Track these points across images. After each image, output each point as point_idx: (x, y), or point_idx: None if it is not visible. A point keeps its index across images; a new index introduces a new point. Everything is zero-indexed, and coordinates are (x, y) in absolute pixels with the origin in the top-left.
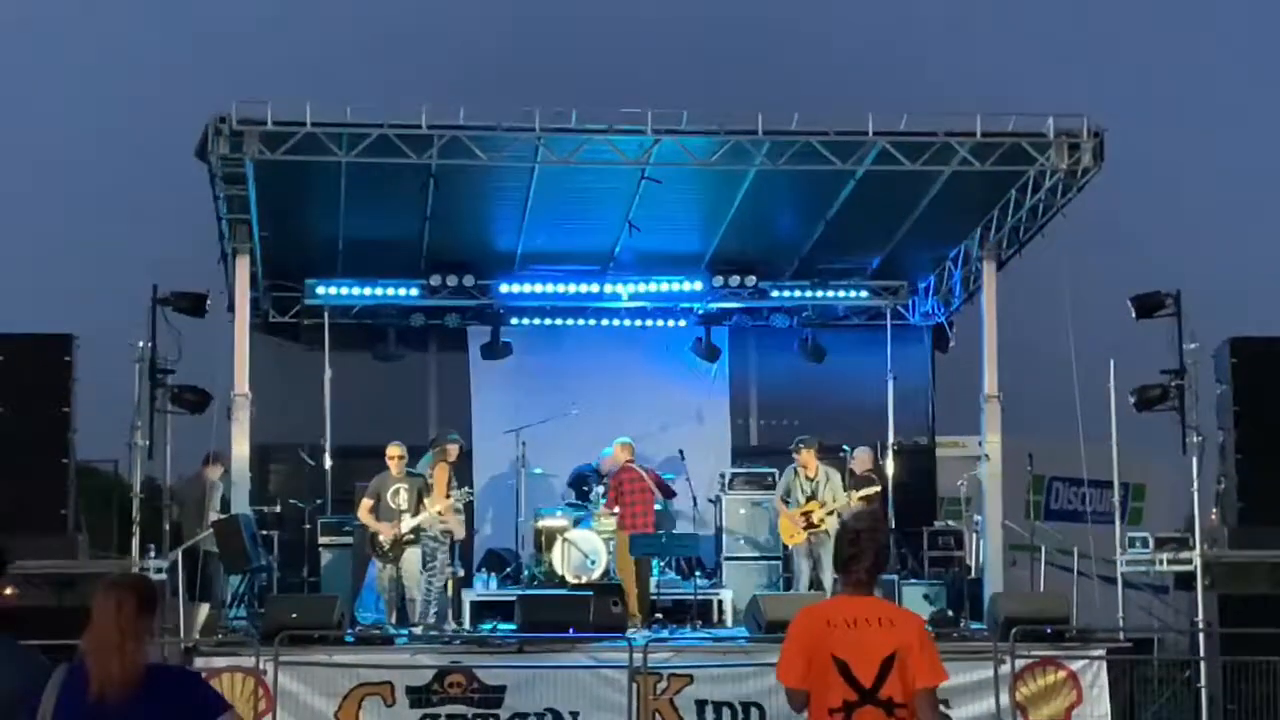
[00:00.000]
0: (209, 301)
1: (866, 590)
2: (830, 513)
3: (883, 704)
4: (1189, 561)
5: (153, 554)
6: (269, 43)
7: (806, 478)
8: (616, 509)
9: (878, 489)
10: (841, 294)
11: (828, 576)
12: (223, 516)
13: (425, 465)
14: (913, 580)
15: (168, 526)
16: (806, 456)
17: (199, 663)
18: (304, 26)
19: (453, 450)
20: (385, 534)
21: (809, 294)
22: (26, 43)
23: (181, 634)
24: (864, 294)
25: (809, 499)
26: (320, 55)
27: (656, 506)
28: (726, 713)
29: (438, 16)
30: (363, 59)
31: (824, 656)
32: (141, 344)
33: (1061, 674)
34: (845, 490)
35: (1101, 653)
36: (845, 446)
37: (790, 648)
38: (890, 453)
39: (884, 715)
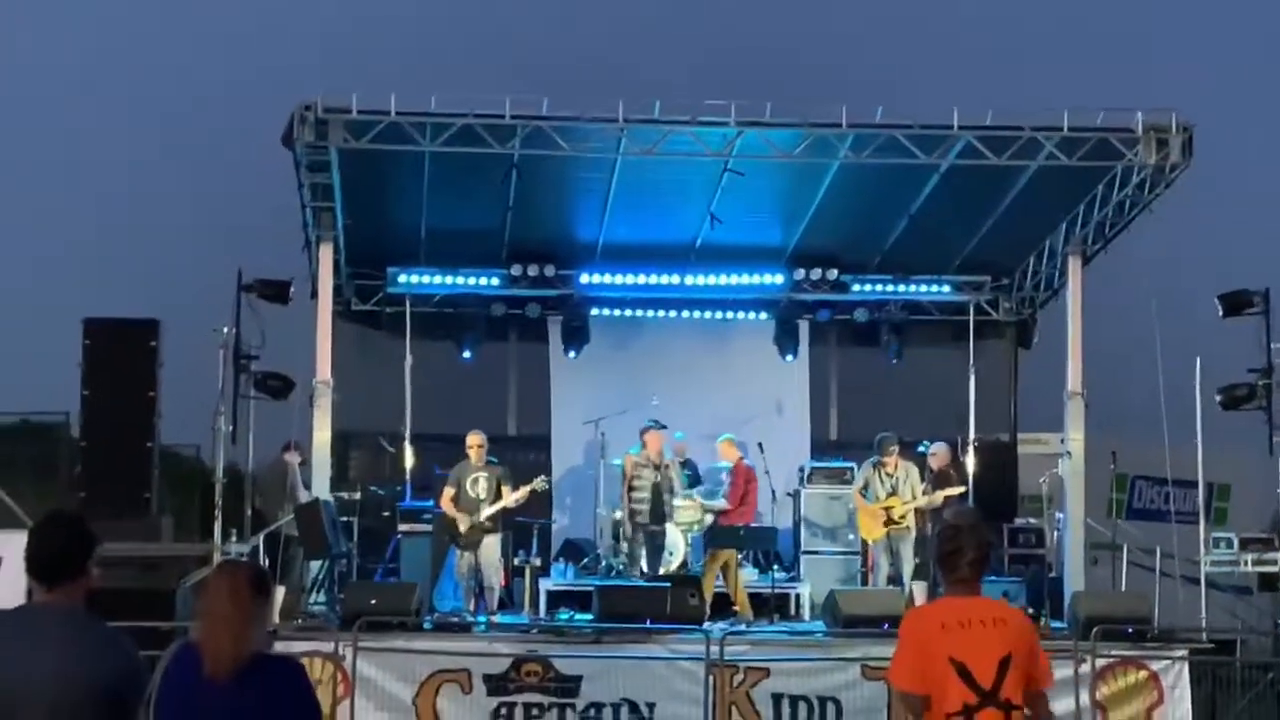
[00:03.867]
0: (293, 289)
1: (971, 589)
2: (909, 509)
3: (1002, 705)
4: (1274, 563)
5: (234, 538)
6: (355, 32)
7: (886, 473)
8: (723, 502)
9: (962, 489)
10: (924, 289)
11: (907, 571)
12: (304, 502)
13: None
14: (992, 578)
15: (250, 511)
16: (889, 452)
17: (278, 647)
18: (391, 17)
19: (651, 439)
20: (464, 522)
21: (891, 288)
22: (115, 26)
23: (266, 621)
24: (947, 289)
25: (889, 495)
26: (407, 45)
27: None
28: (803, 707)
29: (524, 8)
30: (448, 50)
31: (940, 659)
32: (226, 330)
33: (1143, 674)
34: (923, 485)
35: (1183, 653)
36: (926, 442)
37: (904, 651)
38: (971, 449)
39: (1003, 717)
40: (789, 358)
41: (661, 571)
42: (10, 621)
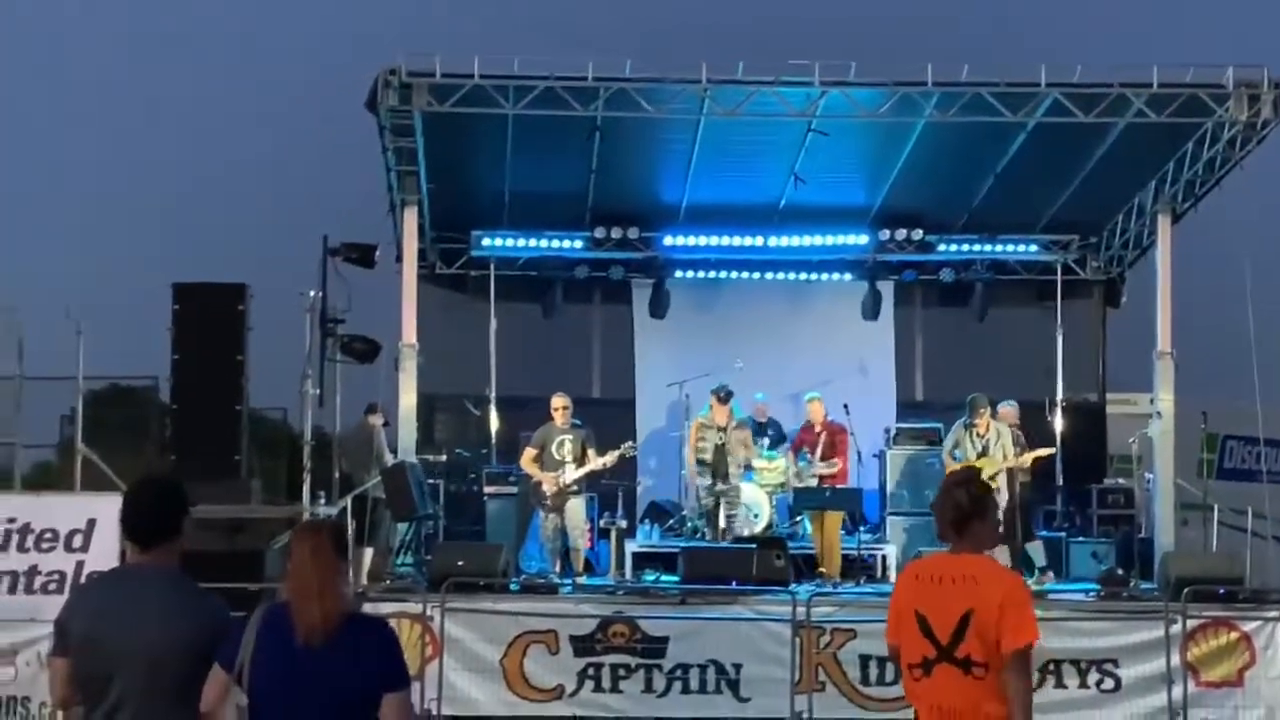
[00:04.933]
0: (378, 253)
1: (956, 547)
2: (999, 471)
3: (959, 662)
4: None
5: (323, 500)
6: None
7: (978, 434)
8: (835, 461)
9: (1051, 450)
10: (1011, 248)
11: None
12: (391, 465)
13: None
14: (1081, 538)
15: (337, 474)
16: (981, 414)
17: (366, 608)
18: None
19: (716, 404)
20: (549, 484)
21: (977, 248)
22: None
23: (350, 578)
24: (1034, 248)
25: (979, 456)
26: (489, 8)
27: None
28: (890, 668)
29: None
30: (531, 11)
31: (908, 611)
32: (313, 294)
33: (1234, 635)
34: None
35: (1276, 614)
36: (1011, 403)
37: (891, 604)
38: (1059, 409)
39: (960, 674)
40: (873, 319)
41: (746, 533)
42: (108, 582)
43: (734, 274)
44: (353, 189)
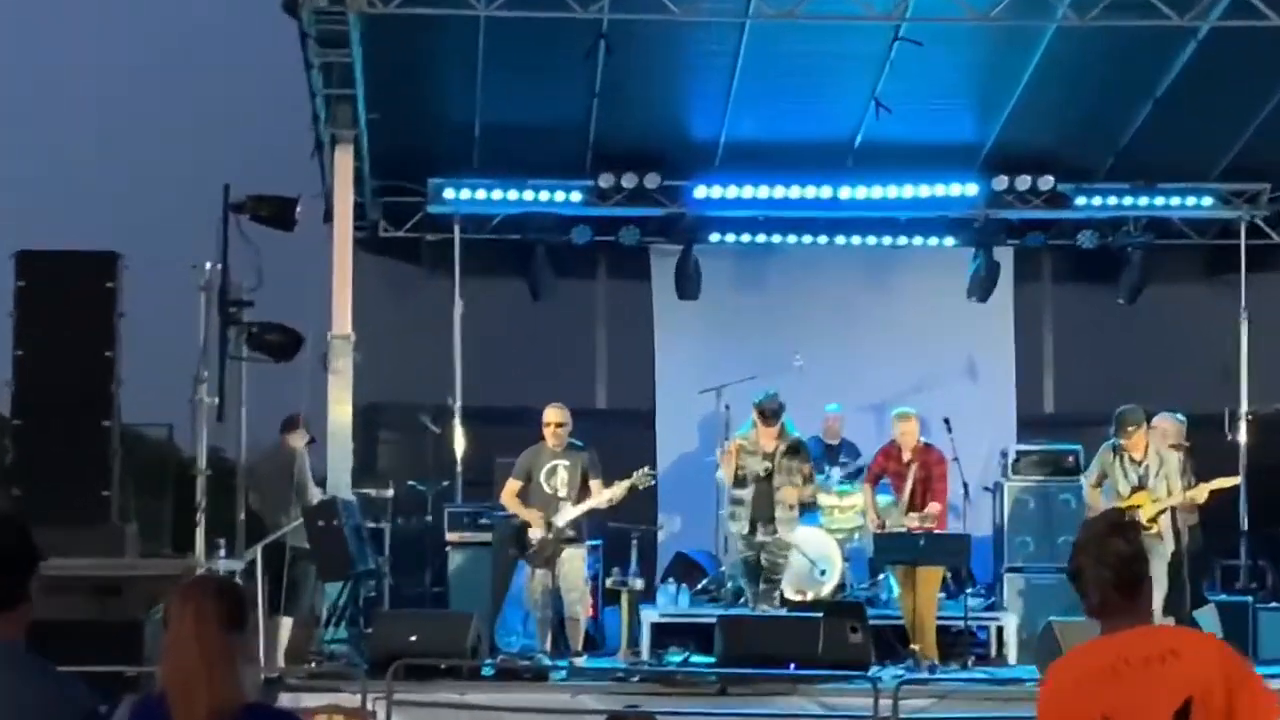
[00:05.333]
0: (299, 208)
1: (1127, 619)
2: (1163, 510)
3: None
4: None
5: (222, 552)
6: None
7: (1132, 459)
8: (934, 507)
9: (1234, 481)
10: (1175, 201)
11: (1159, 595)
12: (317, 503)
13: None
14: (1274, 604)
15: (243, 516)
16: (1135, 433)
17: (285, 700)
18: None
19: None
20: (537, 528)
21: (1129, 201)
22: None
23: (261, 660)
24: (1208, 201)
25: (1135, 490)
26: None
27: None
28: None
29: None
30: None
31: None
32: (209, 266)
33: None
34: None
35: None
36: (1178, 417)
37: (1048, 716)
38: (1243, 423)
39: None
40: (985, 299)
41: (809, 597)
42: None
43: (791, 238)
44: (263, 123)
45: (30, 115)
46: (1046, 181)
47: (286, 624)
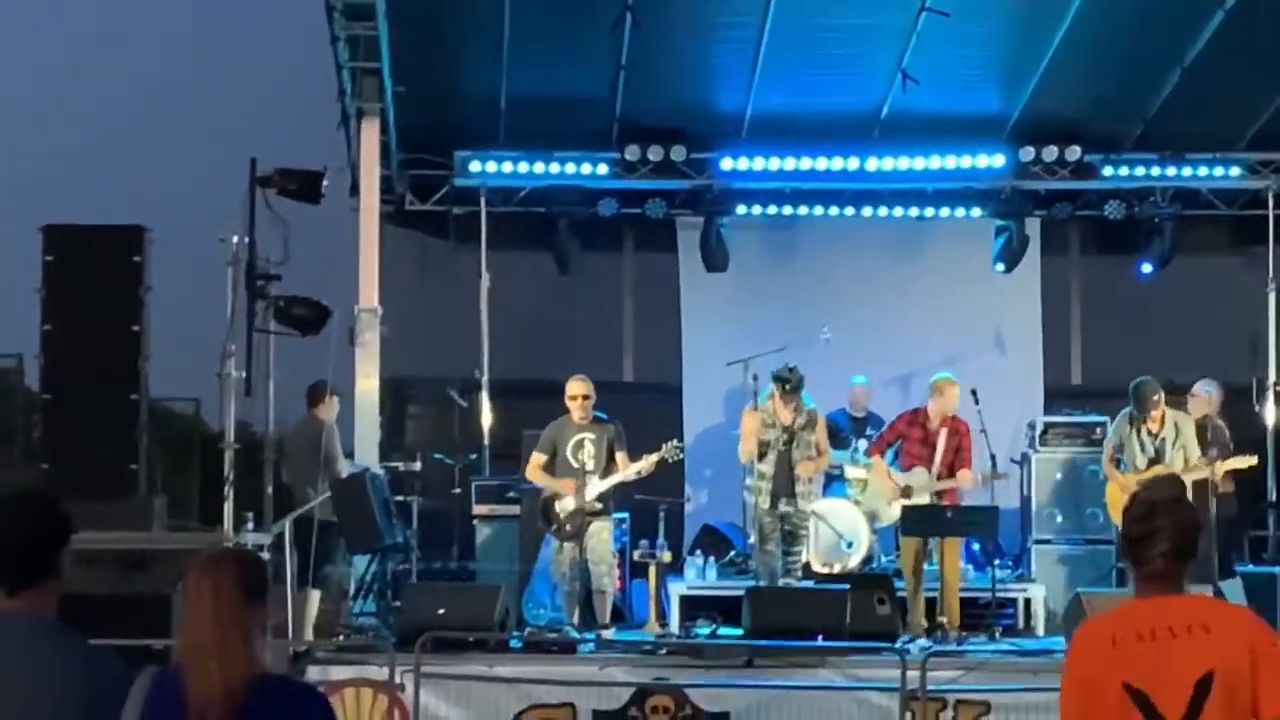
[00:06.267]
0: (326, 182)
1: (1169, 587)
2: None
3: None
4: None
5: (250, 526)
6: None
7: (1149, 431)
8: (964, 474)
9: (1254, 460)
10: (1203, 172)
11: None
12: (345, 476)
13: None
14: None
15: (271, 489)
16: (1152, 406)
17: (313, 673)
18: None
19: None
20: (566, 499)
21: (1158, 172)
22: None
23: (290, 634)
24: (1236, 171)
25: (1152, 462)
26: None
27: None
28: None
29: None
30: None
31: (1113, 688)
32: (236, 240)
33: None
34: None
35: None
36: (1206, 388)
37: (1066, 683)
38: (1270, 398)
39: None
40: (1013, 270)
41: (837, 569)
42: None
43: (818, 209)
44: (290, 96)
45: (58, 89)
46: (1073, 152)
47: (315, 597)
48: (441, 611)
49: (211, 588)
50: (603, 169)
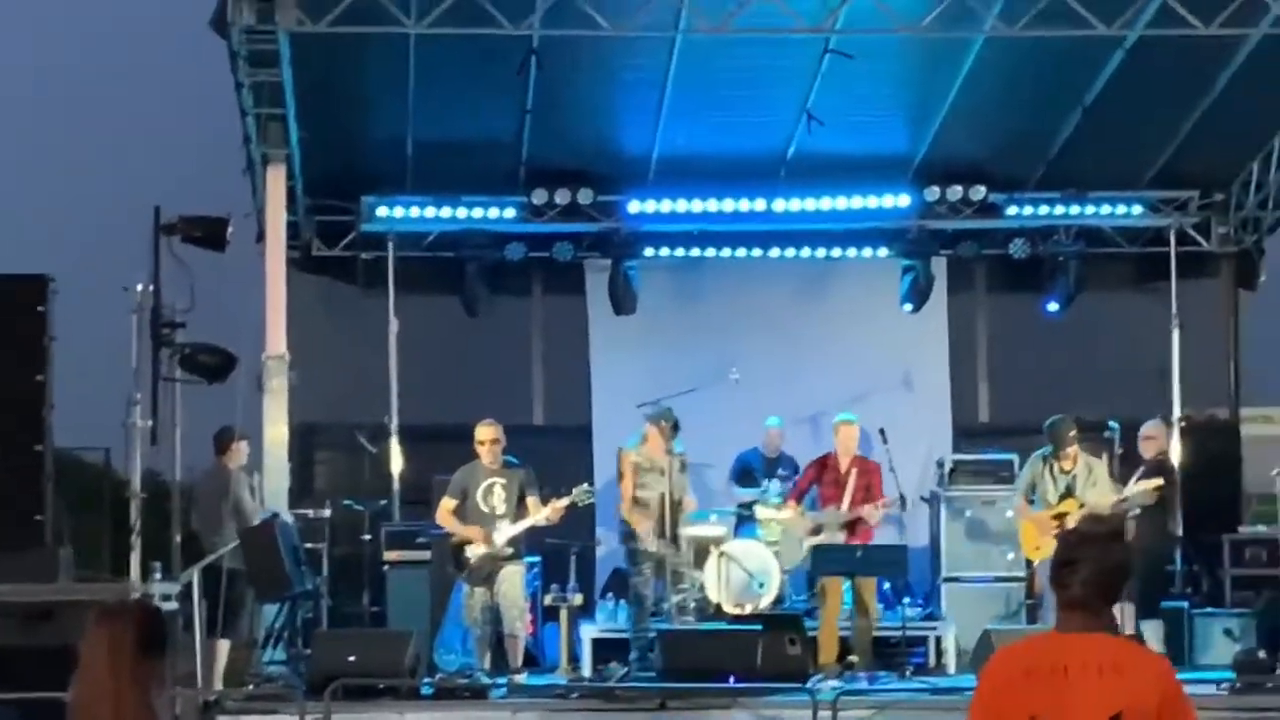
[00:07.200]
0: (231, 229)
1: (1088, 621)
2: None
3: None
4: None
5: (158, 575)
6: None
7: (1061, 469)
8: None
9: (1159, 483)
10: (1106, 210)
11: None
12: (254, 524)
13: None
14: (1210, 610)
15: (179, 538)
16: (1067, 444)
17: None
18: None
19: (653, 434)
20: (476, 545)
21: (1060, 210)
22: None
23: (199, 683)
24: (1137, 210)
25: (1063, 497)
26: None
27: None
28: None
29: None
30: None
31: (1019, 718)
32: (140, 288)
33: None
34: (1119, 483)
35: None
36: (1111, 424)
37: (975, 708)
38: (1175, 430)
39: None
40: (919, 309)
41: (749, 609)
42: None
43: (725, 251)
44: (194, 143)
45: None
46: (978, 191)
47: (224, 646)
48: (352, 659)
49: (108, 641)
50: (510, 213)
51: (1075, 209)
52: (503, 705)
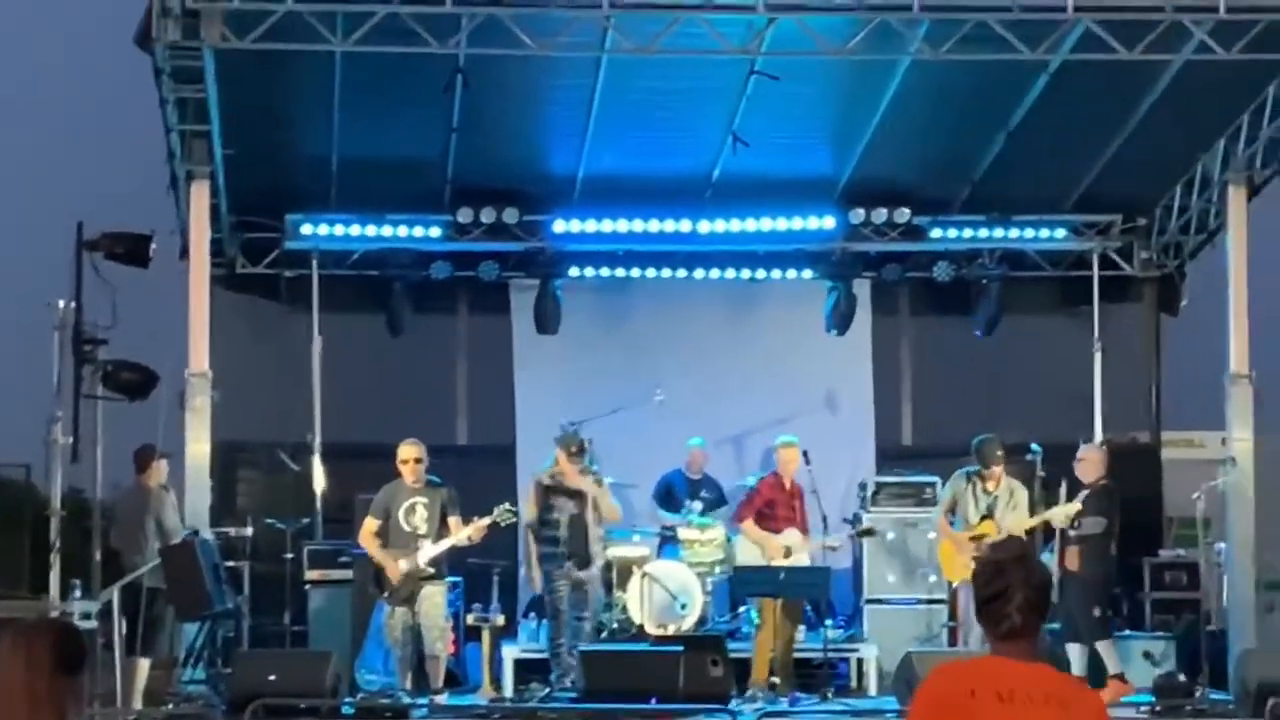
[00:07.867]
0: (154, 245)
1: (1026, 650)
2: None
3: None
4: None
5: (78, 593)
6: None
7: (985, 489)
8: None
9: (1076, 508)
10: (1029, 234)
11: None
12: (174, 542)
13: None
14: (1130, 633)
15: (99, 555)
16: (994, 463)
17: None
18: None
19: (563, 459)
20: (397, 566)
21: (984, 234)
22: None
23: (119, 702)
24: (1061, 234)
25: (984, 517)
26: None
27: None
28: None
29: None
30: None
31: None
32: (61, 304)
33: None
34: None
35: None
36: (1034, 446)
37: None
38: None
39: None
40: (843, 332)
41: (671, 630)
42: None
43: (650, 272)
44: (118, 159)
45: None
46: (902, 214)
47: (144, 665)
48: (272, 678)
49: (24, 659)
50: (435, 231)
51: (999, 232)
52: None
